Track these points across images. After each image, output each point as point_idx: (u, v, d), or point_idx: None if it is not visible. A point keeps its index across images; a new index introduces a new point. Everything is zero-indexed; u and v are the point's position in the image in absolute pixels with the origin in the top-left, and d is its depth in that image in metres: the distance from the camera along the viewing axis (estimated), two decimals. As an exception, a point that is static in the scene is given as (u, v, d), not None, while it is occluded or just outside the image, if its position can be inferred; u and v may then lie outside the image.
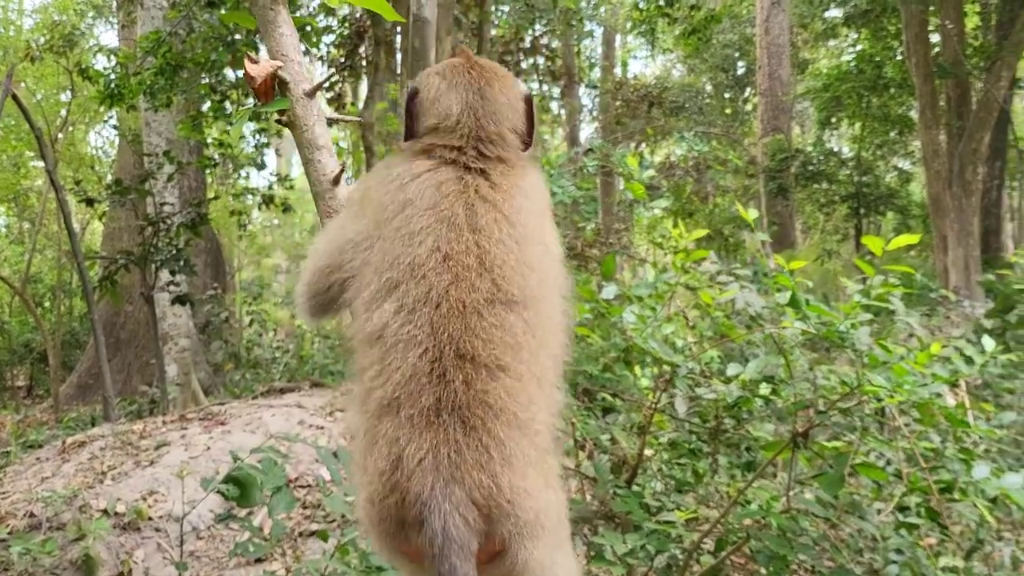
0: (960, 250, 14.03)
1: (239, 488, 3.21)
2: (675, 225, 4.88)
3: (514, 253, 1.67)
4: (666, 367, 4.74)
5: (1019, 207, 23.06)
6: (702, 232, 5.10)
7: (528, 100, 1.88)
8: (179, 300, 10.88)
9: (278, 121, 2.15)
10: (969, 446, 4.43)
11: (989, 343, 4.62)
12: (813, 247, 19.44)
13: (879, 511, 4.38)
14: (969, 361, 4.46)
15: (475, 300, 1.59)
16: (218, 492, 3.24)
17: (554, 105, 21.02)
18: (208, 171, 17.06)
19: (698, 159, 16.51)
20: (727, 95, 24.94)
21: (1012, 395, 6.30)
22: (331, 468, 3.68)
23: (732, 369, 4.64)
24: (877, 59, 17.21)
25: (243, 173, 14.70)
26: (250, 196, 14.15)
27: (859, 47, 18.53)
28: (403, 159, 1.78)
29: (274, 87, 2.10)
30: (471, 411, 1.50)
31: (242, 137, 13.12)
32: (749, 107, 24.31)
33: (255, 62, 2.10)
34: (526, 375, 1.59)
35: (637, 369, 5.17)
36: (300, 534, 6.02)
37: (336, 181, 2.07)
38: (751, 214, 4.65)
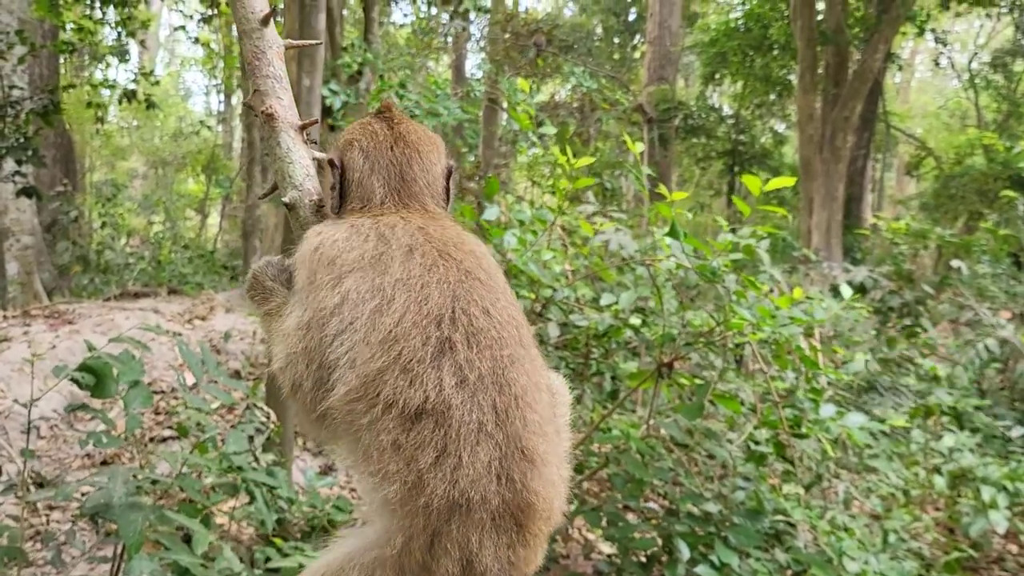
0: (824, 213, 14.77)
1: (94, 377, 2.98)
2: (563, 152, 4.81)
3: (518, 315, 1.66)
4: (544, 292, 4.73)
5: (880, 179, 24.45)
6: (589, 181, 5.06)
7: (449, 174, 1.87)
8: (25, 192, 10.02)
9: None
10: (819, 387, 4.67)
11: (847, 290, 4.84)
12: (687, 200, 20.04)
13: (731, 441, 4.57)
14: (825, 307, 4.66)
15: (526, 387, 1.54)
16: (71, 382, 2.99)
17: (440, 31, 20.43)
18: (63, 59, 15.73)
19: (583, 100, 16.53)
20: (616, 40, 25.03)
21: (860, 346, 6.72)
22: (194, 369, 3.49)
23: (606, 299, 4.69)
24: (764, 19, 17.65)
25: (103, 64, 13.53)
26: (108, 90, 13.11)
27: (748, 5, 18.93)
28: (345, 224, 1.69)
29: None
30: (523, 514, 1.50)
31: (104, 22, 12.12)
32: (637, 55, 24.51)
33: None
34: (557, 465, 1.60)
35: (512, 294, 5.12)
36: (151, 439, 5.74)
37: (265, 21, 1.93)
38: (635, 159, 4.65)
